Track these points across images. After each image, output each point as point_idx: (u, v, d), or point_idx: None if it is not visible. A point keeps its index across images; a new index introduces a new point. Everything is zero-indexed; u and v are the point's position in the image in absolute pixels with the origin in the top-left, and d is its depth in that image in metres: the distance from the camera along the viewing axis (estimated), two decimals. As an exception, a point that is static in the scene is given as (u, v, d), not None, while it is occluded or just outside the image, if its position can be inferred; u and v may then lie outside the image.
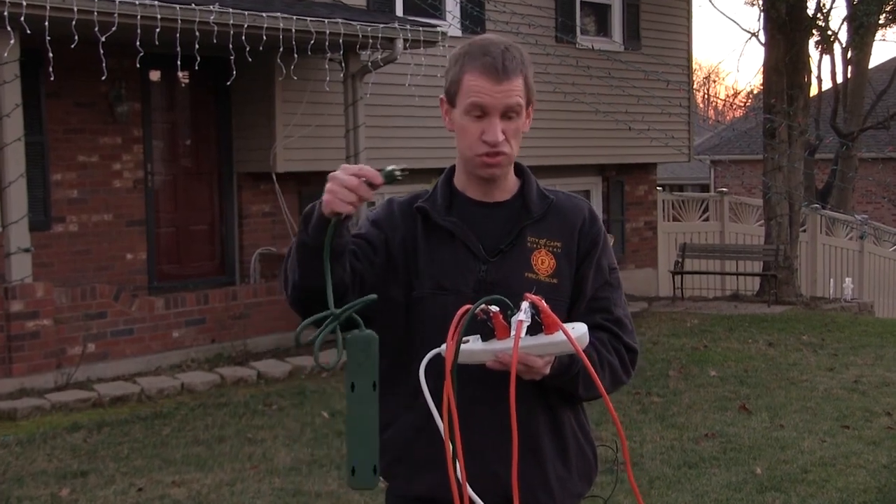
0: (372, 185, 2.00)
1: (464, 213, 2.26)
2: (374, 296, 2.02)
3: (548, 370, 2.05)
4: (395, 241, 2.25)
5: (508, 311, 1.95)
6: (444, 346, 1.97)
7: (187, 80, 10.84)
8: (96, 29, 7.87)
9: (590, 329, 2.20)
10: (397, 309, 2.23)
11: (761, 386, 8.52)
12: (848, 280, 15.80)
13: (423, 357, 2.03)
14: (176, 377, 8.60)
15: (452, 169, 2.34)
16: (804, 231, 16.54)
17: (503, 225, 2.25)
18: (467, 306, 1.96)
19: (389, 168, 2.01)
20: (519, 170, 2.34)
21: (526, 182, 2.32)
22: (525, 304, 1.92)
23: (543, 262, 2.24)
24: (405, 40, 10.01)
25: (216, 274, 11.04)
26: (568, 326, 1.98)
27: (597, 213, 2.37)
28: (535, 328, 1.96)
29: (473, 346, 2.02)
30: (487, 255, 2.22)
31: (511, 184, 2.30)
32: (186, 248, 10.84)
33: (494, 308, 1.96)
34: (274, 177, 10.83)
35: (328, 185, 1.99)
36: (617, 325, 2.30)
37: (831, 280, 16.63)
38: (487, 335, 1.99)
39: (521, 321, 1.92)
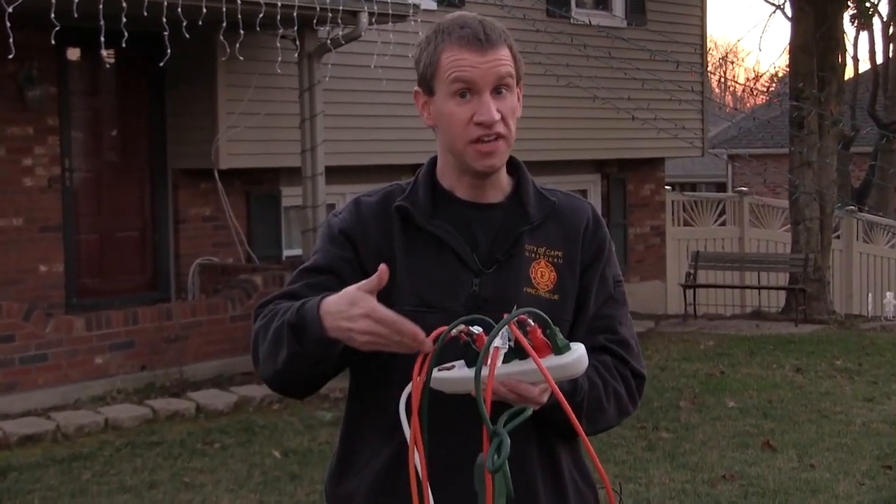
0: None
1: (452, 217, 2.24)
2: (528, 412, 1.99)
3: (545, 399, 2.05)
4: (369, 253, 2.23)
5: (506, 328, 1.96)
6: (438, 374, 2.00)
7: (113, 60, 10.79)
8: (4, -1, 7.82)
9: (593, 351, 2.21)
10: None
11: (788, 419, 8.55)
12: (889, 295, 15.89)
13: (404, 386, 2.04)
14: (99, 411, 8.53)
15: (433, 163, 2.32)
16: (837, 237, 16.63)
17: (497, 231, 2.25)
18: (440, 329, 1.96)
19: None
20: (512, 164, 2.32)
21: (521, 179, 2.31)
22: (504, 329, 1.93)
23: (543, 275, 2.24)
24: (370, 14, 9.99)
25: (147, 289, 10.98)
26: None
27: (600, 215, 2.38)
28: (525, 352, 1.96)
29: (457, 373, 2.02)
30: (481, 267, 2.22)
31: (504, 181, 2.30)
32: (112, 259, 10.78)
33: (478, 329, 1.96)
34: (216, 174, 10.79)
35: (366, 325, 1.96)
36: (622, 346, 2.30)
37: (869, 295, 16.72)
38: (472, 361, 1.98)
39: (497, 347, 1.93)
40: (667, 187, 16.89)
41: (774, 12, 41.93)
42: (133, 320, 9.29)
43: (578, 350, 1.99)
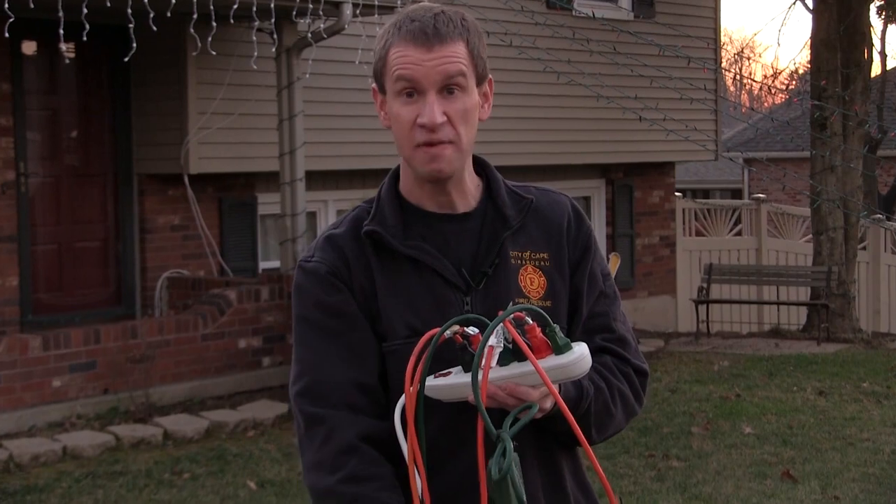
0: None
1: (426, 234, 2.26)
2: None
3: (548, 405, 2.08)
4: (355, 291, 2.25)
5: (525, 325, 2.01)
6: (434, 382, 2.06)
7: (73, 55, 10.77)
8: (-47, -12, 7.81)
9: (591, 353, 2.23)
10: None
11: (810, 446, 8.55)
12: (919, 311, 15.91)
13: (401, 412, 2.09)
14: (56, 439, 8.50)
15: (395, 177, 2.34)
16: (863, 249, 16.64)
17: (478, 242, 2.27)
18: (433, 331, 1.99)
19: None
20: (479, 165, 2.34)
21: (491, 181, 2.33)
22: (498, 328, 1.98)
23: (533, 282, 2.28)
24: (354, 5, 10.00)
25: (110, 304, 10.95)
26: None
27: (579, 207, 2.41)
28: (524, 353, 2.00)
29: (452, 379, 2.06)
30: (470, 283, 2.24)
31: (472, 186, 2.31)
32: (72, 272, 10.75)
33: (473, 330, 2.01)
34: (186, 180, 10.78)
35: None
36: (621, 344, 2.35)
37: (898, 311, 16.74)
38: (469, 365, 2.03)
39: (491, 346, 1.96)
40: (677, 194, 16.90)
41: (794, 4, 42.05)
42: (94, 339, 9.26)
43: (580, 349, 2.02)
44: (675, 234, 16.35)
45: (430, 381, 2.05)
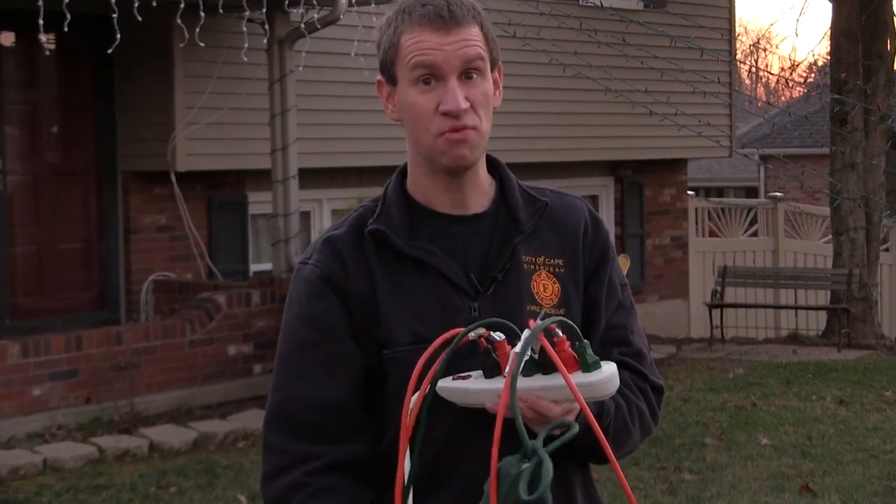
0: None
1: (434, 235, 2.25)
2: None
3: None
4: (352, 295, 2.24)
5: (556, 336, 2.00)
6: (452, 384, 2.07)
7: (54, 47, 10.76)
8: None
9: None
10: (369, 376, 2.26)
11: (830, 458, 8.54)
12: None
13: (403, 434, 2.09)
14: (36, 450, 8.50)
15: (402, 174, 2.33)
16: (886, 250, 16.64)
17: (489, 244, 2.26)
18: (455, 330, 2.00)
19: None
20: (492, 164, 2.34)
21: (505, 181, 2.33)
22: (525, 333, 1.97)
23: (546, 289, 2.27)
24: (350, -7, 10.02)
25: (93, 308, 10.96)
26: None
27: (596, 212, 2.41)
28: (549, 365, 1.99)
29: (472, 384, 2.07)
30: (479, 288, 2.24)
31: (485, 185, 2.31)
32: (53, 274, 10.75)
33: (499, 335, 2.02)
34: (173, 177, 10.79)
35: None
36: (638, 359, 2.36)
37: (922, 315, 16.73)
38: (491, 370, 2.04)
39: (514, 353, 1.96)
40: (690, 192, 16.91)
41: (812, -7, 42.06)
42: (76, 345, 9.26)
43: (609, 369, 2.03)
44: (688, 235, 16.35)
45: (448, 382, 2.06)
